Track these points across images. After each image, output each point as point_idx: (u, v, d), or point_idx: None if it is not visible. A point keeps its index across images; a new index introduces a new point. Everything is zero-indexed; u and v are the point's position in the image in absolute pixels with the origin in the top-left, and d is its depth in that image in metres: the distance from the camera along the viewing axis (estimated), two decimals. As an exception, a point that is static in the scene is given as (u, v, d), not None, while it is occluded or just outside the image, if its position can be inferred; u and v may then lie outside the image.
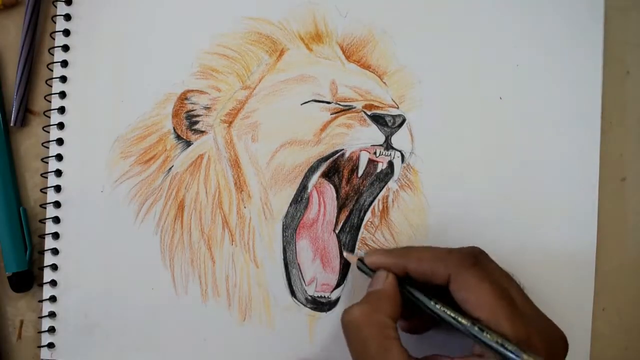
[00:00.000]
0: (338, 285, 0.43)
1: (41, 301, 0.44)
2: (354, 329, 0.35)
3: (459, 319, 0.34)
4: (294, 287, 0.43)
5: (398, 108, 0.44)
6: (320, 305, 0.43)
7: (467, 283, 0.34)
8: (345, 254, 0.43)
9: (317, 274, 0.43)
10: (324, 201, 0.44)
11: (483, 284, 0.34)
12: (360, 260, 0.39)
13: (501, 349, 0.32)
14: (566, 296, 0.43)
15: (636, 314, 0.45)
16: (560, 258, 0.43)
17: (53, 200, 0.44)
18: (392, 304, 0.36)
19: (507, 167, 0.44)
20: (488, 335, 0.32)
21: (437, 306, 0.35)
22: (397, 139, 0.43)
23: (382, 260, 0.38)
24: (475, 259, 0.36)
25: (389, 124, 0.43)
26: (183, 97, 0.44)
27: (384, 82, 0.44)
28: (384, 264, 0.38)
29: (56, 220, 0.44)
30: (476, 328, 0.33)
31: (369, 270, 0.38)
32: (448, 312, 0.35)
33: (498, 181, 0.44)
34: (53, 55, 0.45)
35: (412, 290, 0.37)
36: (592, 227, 0.44)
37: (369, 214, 0.44)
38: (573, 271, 0.43)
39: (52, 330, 0.44)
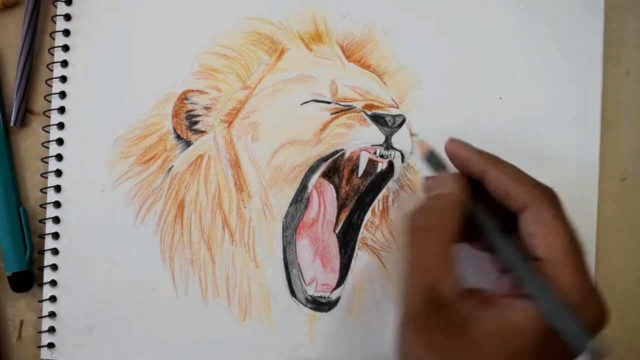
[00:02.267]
0: (338, 285, 0.43)
1: (41, 301, 0.44)
2: (422, 236, 0.33)
3: (519, 265, 0.32)
4: (294, 287, 0.43)
5: (398, 108, 0.44)
6: (320, 305, 0.43)
7: (543, 217, 0.32)
8: (418, 138, 0.41)
9: (317, 274, 0.43)
10: (324, 201, 0.44)
11: (559, 224, 0.32)
12: (432, 153, 0.36)
13: (547, 307, 0.30)
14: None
15: (636, 314, 0.45)
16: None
17: (53, 200, 0.44)
18: (460, 216, 0.34)
19: (507, 167, 0.44)
20: (538, 289, 0.31)
21: (499, 237, 0.33)
22: (397, 139, 0.43)
23: (467, 153, 0.35)
24: (558, 200, 0.33)
25: (389, 123, 0.43)
26: (183, 97, 0.44)
27: (384, 82, 0.44)
28: (466, 156, 0.35)
29: (56, 220, 0.44)
30: (529, 276, 0.31)
31: (439, 164, 0.36)
32: (506, 250, 0.32)
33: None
34: (53, 55, 0.45)
35: (479, 209, 0.34)
36: (592, 227, 0.44)
37: (369, 214, 0.44)
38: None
39: (52, 330, 0.44)
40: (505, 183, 0.34)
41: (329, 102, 0.44)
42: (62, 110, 0.45)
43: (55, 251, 0.44)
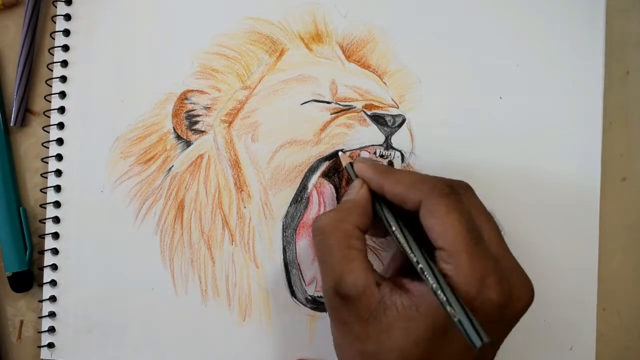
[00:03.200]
0: (338, 285, 0.43)
1: (41, 301, 0.44)
2: (320, 235, 0.36)
3: (410, 250, 0.34)
4: (294, 287, 0.43)
5: (398, 108, 0.44)
6: (320, 305, 0.43)
7: (435, 210, 0.33)
8: (340, 153, 0.43)
9: (317, 274, 0.43)
10: (324, 201, 0.44)
11: (451, 214, 0.33)
12: (351, 165, 0.40)
13: (437, 292, 0.31)
14: (569, 297, 0.43)
15: (636, 314, 0.45)
16: (561, 258, 0.43)
17: (53, 200, 0.44)
18: (361, 214, 0.36)
19: (507, 167, 0.44)
20: (427, 276, 0.32)
21: (396, 230, 0.35)
22: (397, 139, 0.43)
23: (365, 170, 0.38)
24: (451, 189, 0.34)
25: (389, 123, 0.43)
26: (183, 97, 0.44)
27: (384, 82, 0.44)
28: (365, 174, 0.38)
29: (56, 220, 0.44)
30: (420, 266, 0.32)
31: (354, 175, 0.39)
32: (402, 241, 0.34)
33: (498, 181, 0.44)
34: (53, 55, 0.45)
35: (382, 206, 0.37)
36: (593, 227, 0.44)
37: (369, 214, 0.44)
38: (575, 272, 0.43)
39: (52, 330, 0.44)
40: (399, 189, 0.36)
41: (329, 102, 0.44)
42: (62, 110, 0.45)
43: (55, 251, 0.44)
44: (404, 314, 0.32)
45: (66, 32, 0.45)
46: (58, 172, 0.45)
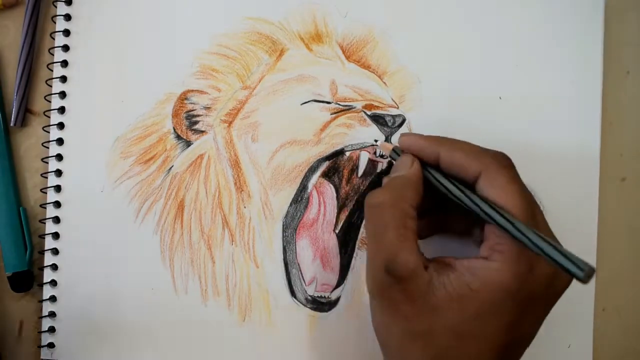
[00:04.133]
0: (338, 285, 0.43)
1: (41, 301, 0.44)
2: (376, 212, 0.35)
3: (482, 205, 0.33)
4: (294, 287, 0.43)
5: (398, 108, 0.44)
6: (320, 305, 0.43)
7: (497, 181, 0.33)
8: (379, 142, 0.42)
9: (317, 274, 0.43)
10: (324, 201, 0.44)
11: (513, 185, 0.33)
12: (395, 150, 0.39)
13: (524, 230, 0.31)
14: (567, 296, 0.43)
15: (636, 314, 0.45)
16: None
17: (53, 200, 0.44)
18: (415, 192, 0.36)
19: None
20: (506, 224, 0.32)
21: (465, 192, 0.34)
22: (397, 139, 0.43)
23: (415, 140, 0.37)
24: (508, 162, 0.35)
25: (389, 123, 0.43)
26: (183, 97, 0.44)
27: (384, 82, 0.44)
28: (418, 144, 0.37)
29: (56, 220, 0.44)
30: (498, 214, 0.32)
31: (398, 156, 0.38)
32: (474, 199, 0.34)
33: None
34: (53, 55, 0.45)
35: (437, 175, 0.36)
36: (592, 227, 0.44)
37: (369, 214, 0.44)
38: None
39: (52, 330, 0.44)
40: (457, 157, 0.35)
41: (329, 102, 0.44)
42: (62, 110, 0.45)
43: (55, 251, 0.44)
44: (454, 293, 0.32)
45: (66, 32, 0.45)
46: (58, 172, 0.45)
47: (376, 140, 0.43)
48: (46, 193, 0.45)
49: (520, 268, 0.32)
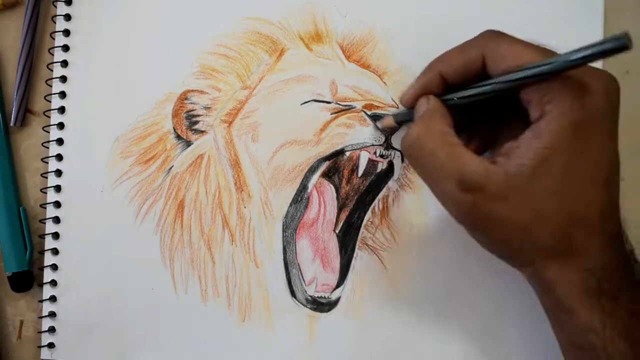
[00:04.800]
0: (338, 285, 0.43)
1: (41, 301, 0.44)
2: (417, 146, 0.35)
3: (518, 74, 0.33)
4: (294, 287, 0.43)
5: (398, 108, 0.44)
6: (320, 305, 0.43)
7: (501, 50, 0.34)
8: (378, 123, 0.43)
9: (317, 274, 0.43)
10: (324, 201, 0.44)
11: (516, 44, 0.34)
12: (394, 115, 0.39)
13: (573, 56, 0.32)
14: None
15: (636, 314, 0.45)
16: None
17: (53, 200, 0.44)
18: (444, 115, 0.36)
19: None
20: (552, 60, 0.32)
21: (486, 82, 0.34)
22: (397, 139, 0.43)
23: (416, 83, 0.37)
24: (498, 32, 0.35)
25: (389, 123, 0.43)
26: (183, 97, 0.44)
27: (384, 82, 0.44)
28: (419, 84, 0.37)
29: (56, 220, 0.44)
30: (530, 66, 0.33)
31: (408, 115, 0.38)
32: (498, 79, 0.34)
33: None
34: (53, 55, 0.45)
35: (455, 94, 0.36)
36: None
37: (369, 214, 0.44)
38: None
39: (52, 330, 0.44)
40: (456, 59, 0.37)
41: (329, 102, 0.44)
42: (62, 110, 0.45)
43: (55, 251, 0.44)
44: (534, 162, 0.32)
45: (66, 32, 0.45)
46: (58, 172, 0.45)
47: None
48: (46, 193, 0.45)
49: (574, 100, 0.32)
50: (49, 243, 0.44)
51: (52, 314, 0.44)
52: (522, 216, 0.32)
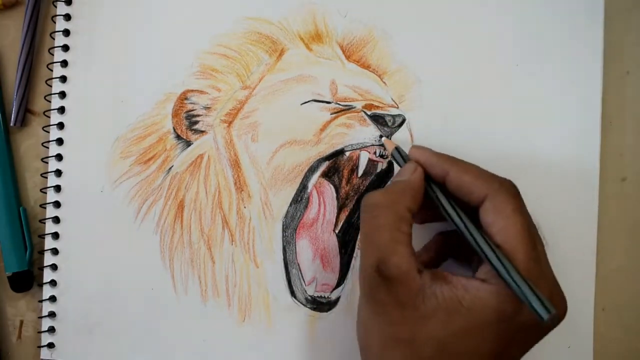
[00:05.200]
0: (338, 285, 0.43)
1: (41, 301, 0.44)
2: (372, 212, 0.35)
3: (476, 235, 0.33)
4: (293, 287, 0.43)
5: (398, 108, 0.44)
6: (320, 305, 0.43)
7: (502, 207, 0.34)
8: (384, 139, 0.42)
9: (317, 274, 0.43)
10: (324, 201, 0.44)
11: (517, 215, 0.34)
12: (397, 149, 0.39)
13: (503, 270, 0.32)
14: (567, 296, 0.43)
15: (636, 314, 0.45)
16: (561, 259, 0.43)
17: (53, 200, 0.44)
18: (413, 197, 0.36)
19: (507, 167, 0.44)
20: (497, 256, 0.32)
21: (460, 217, 0.35)
22: (397, 139, 0.43)
23: (426, 155, 0.37)
24: (517, 191, 0.35)
25: (389, 123, 0.43)
26: (183, 97, 0.44)
27: (384, 82, 0.44)
28: (426, 158, 0.37)
29: (56, 220, 0.44)
30: (488, 247, 0.33)
31: (403, 160, 0.39)
32: (468, 225, 0.34)
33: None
34: (53, 55, 0.45)
35: (437, 190, 0.36)
36: (592, 227, 0.43)
37: (368, 214, 0.44)
38: (574, 272, 0.43)
39: (52, 330, 0.44)
40: (465, 179, 0.35)
41: (328, 102, 0.44)
42: (62, 110, 0.45)
43: (55, 251, 0.44)
44: (445, 305, 0.32)
45: (66, 32, 0.45)
46: (58, 172, 0.45)
47: (381, 136, 0.43)
48: (46, 193, 0.45)
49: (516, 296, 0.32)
50: (49, 243, 0.44)
51: (52, 314, 0.44)
52: (402, 332, 0.33)
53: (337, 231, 0.44)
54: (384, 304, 0.33)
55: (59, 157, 0.45)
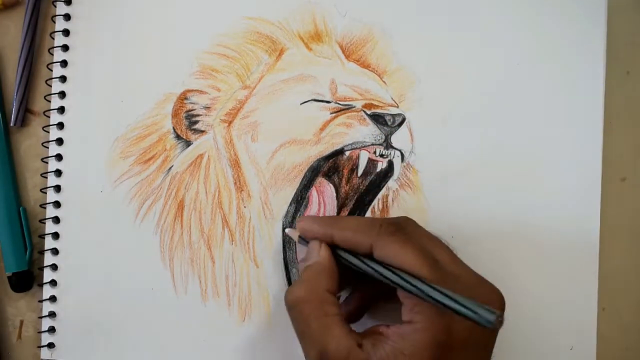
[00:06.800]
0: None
1: (41, 301, 0.44)
2: (295, 309, 0.35)
3: (384, 272, 0.34)
4: (293, 287, 0.43)
5: (398, 107, 0.44)
6: (320, 305, 0.43)
7: (388, 249, 0.34)
8: (286, 230, 0.42)
9: (317, 274, 0.43)
10: (324, 201, 0.44)
11: (405, 247, 0.34)
12: (300, 237, 0.39)
13: (420, 292, 0.32)
14: (570, 297, 0.43)
15: (636, 314, 0.45)
16: (562, 258, 0.43)
17: (53, 200, 0.44)
18: (329, 276, 0.36)
19: (507, 166, 0.44)
20: (409, 280, 0.32)
21: (365, 264, 0.35)
22: (396, 138, 0.43)
23: (310, 227, 0.38)
24: (397, 227, 0.36)
25: (389, 123, 0.43)
26: (183, 97, 0.44)
27: (384, 81, 0.44)
28: (312, 231, 0.38)
29: (56, 220, 0.44)
30: (399, 277, 0.33)
31: (305, 241, 0.39)
32: (375, 267, 0.35)
33: (498, 180, 0.44)
34: (53, 55, 0.45)
35: (343, 254, 0.37)
36: (594, 227, 0.43)
37: (368, 213, 0.44)
38: (576, 271, 0.43)
39: (52, 330, 0.44)
40: (347, 235, 0.36)
41: (328, 102, 0.44)
42: (62, 110, 0.45)
43: (55, 251, 0.44)
44: None
45: (66, 32, 0.45)
46: (58, 172, 0.45)
47: (284, 230, 0.43)
48: (46, 193, 0.45)
49: (444, 320, 0.32)
50: (49, 243, 0.44)
51: (52, 314, 0.44)
52: None
53: (337, 231, 0.44)
54: None
55: (59, 157, 0.45)
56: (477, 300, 0.31)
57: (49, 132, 0.45)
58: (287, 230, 0.42)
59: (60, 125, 0.45)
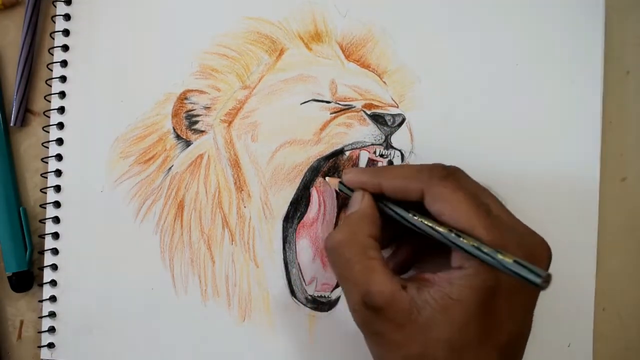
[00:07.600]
0: (338, 284, 0.43)
1: (41, 301, 0.44)
2: (336, 252, 0.35)
3: (437, 227, 0.33)
4: (294, 287, 0.43)
5: (398, 107, 0.44)
6: (320, 304, 0.43)
7: (440, 194, 0.34)
8: (327, 178, 0.42)
9: (317, 274, 0.43)
10: (324, 200, 0.44)
11: (456, 193, 0.33)
12: (341, 182, 0.39)
13: (477, 252, 0.31)
14: (567, 295, 0.43)
15: (636, 314, 0.45)
16: (561, 259, 0.43)
17: (53, 200, 0.44)
18: (372, 223, 0.36)
19: (507, 166, 0.44)
20: (464, 240, 0.32)
21: (415, 217, 0.35)
22: (396, 138, 0.43)
23: (358, 177, 0.38)
24: (447, 172, 0.35)
25: (389, 123, 0.43)
26: (183, 97, 0.44)
27: (384, 82, 0.44)
28: (360, 180, 0.38)
29: (56, 220, 0.44)
30: (453, 234, 0.33)
31: (349, 191, 0.39)
32: (426, 222, 0.34)
33: (497, 181, 0.44)
34: (53, 55, 0.45)
35: (389, 204, 0.36)
36: (592, 227, 0.43)
37: (368, 214, 0.44)
38: (573, 270, 0.43)
39: (52, 330, 0.44)
40: (397, 183, 0.36)
41: (328, 102, 0.44)
42: (62, 110, 0.45)
43: (55, 251, 0.44)
44: (438, 307, 0.32)
45: (66, 32, 0.45)
46: (58, 172, 0.45)
47: (324, 177, 0.43)
48: (46, 193, 0.45)
49: (490, 269, 0.32)
50: (49, 243, 0.44)
51: (52, 314, 0.44)
52: (412, 349, 0.33)
53: (337, 231, 0.44)
54: (384, 333, 0.33)
55: (59, 157, 0.45)
56: (529, 249, 0.31)
57: (49, 132, 0.45)
58: (328, 178, 0.42)
59: (60, 125, 0.45)
